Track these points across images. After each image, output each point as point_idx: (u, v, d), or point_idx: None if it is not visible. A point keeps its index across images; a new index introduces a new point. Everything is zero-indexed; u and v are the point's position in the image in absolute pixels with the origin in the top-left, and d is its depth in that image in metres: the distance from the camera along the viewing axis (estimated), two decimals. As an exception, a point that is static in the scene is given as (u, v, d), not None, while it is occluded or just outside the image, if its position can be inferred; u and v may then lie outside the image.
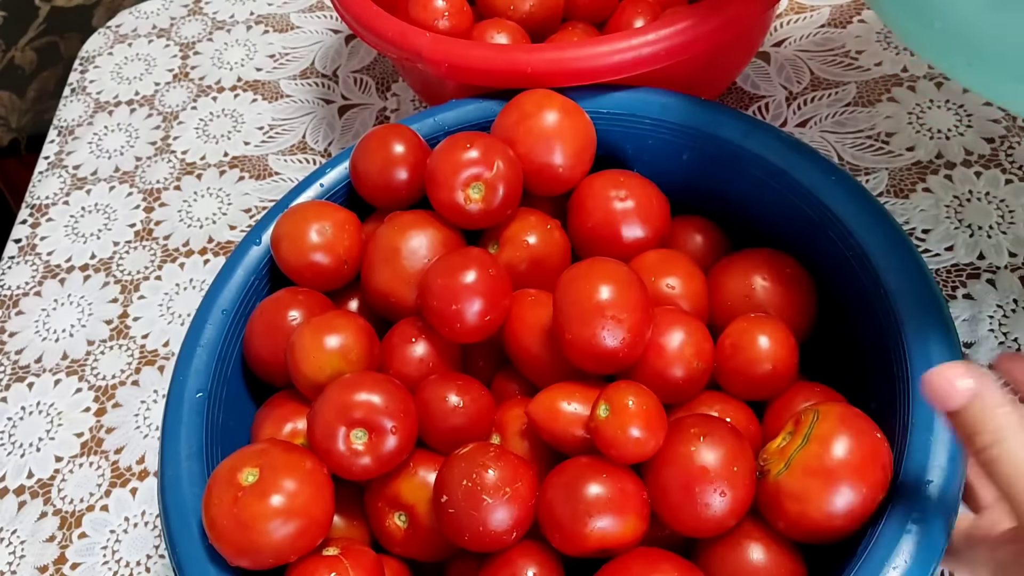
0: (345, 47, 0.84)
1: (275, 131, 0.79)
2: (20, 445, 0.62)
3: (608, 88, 0.55)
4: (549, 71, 0.53)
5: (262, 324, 0.47)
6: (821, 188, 0.48)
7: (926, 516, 0.36)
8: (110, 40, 0.90)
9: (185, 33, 0.89)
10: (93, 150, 0.80)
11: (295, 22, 0.88)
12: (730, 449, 0.39)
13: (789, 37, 0.76)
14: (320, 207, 0.51)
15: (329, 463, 0.41)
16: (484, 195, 0.48)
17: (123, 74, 0.87)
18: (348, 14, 0.60)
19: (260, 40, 0.87)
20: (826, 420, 0.39)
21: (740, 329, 0.45)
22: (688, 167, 0.54)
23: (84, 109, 0.84)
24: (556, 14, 0.68)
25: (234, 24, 0.89)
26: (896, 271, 0.44)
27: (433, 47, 0.55)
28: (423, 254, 0.48)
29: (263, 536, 0.38)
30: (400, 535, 0.43)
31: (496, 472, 0.39)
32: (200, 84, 0.84)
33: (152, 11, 0.92)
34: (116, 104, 0.84)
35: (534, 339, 0.45)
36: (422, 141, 0.53)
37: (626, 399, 0.40)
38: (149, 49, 0.88)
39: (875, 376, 0.44)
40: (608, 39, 0.53)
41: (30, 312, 0.70)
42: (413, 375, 0.45)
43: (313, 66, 0.83)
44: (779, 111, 0.71)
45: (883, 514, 0.37)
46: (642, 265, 0.49)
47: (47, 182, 0.79)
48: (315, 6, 0.89)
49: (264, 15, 0.89)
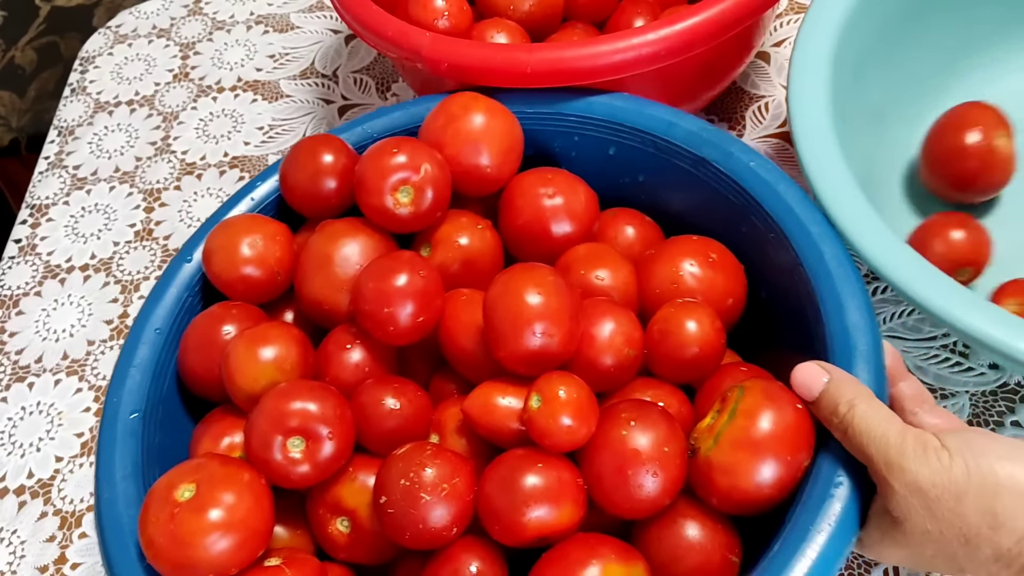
0: (345, 47, 0.85)
1: (275, 131, 0.79)
2: (20, 445, 0.62)
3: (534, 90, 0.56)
4: (549, 71, 0.53)
5: (196, 340, 0.47)
6: (741, 174, 0.49)
7: (849, 479, 0.37)
8: (110, 40, 0.91)
9: (185, 33, 0.90)
10: (93, 150, 0.81)
11: (295, 22, 0.88)
12: (660, 431, 0.40)
13: (789, 37, 0.77)
14: (250, 220, 0.51)
15: (267, 473, 0.41)
16: (413, 198, 0.48)
17: (123, 74, 0.87)
18: (348, 14, 0.60)
19: (260, 40, 0.87)
20: (750, 395, 0.40)
21: (667, 315, 0.46)
22: (615, 161, 0.55)
23: (84, 109, 0.84)
24: (556, 14, 0.68)
25: (234, 24, 0.89)
26: (814, 248, 0.45)
27: (433, 47, 0.56)
28: (355, 260, 0.48)
29: (201, 551, 0.38)
30: (343, 540, 0.43)
31: (433, 470, 0.40)
32: (200, 84, 0.84)
33: (152, 11, 0.93)
34: (116, 104, 0.84)
35: (469, 338, 0.46)
36: (351, 150, 0.53)
37: (557, 389, 0.40)
38: (149, 49, 0.89)
39: (798, 349, 0.45)
40: (608, 39, 0.54)
41: (30, 312, 0.70)
42: (350, 381, 0.46)
43: (313, 66, 0.84)
44: (779, 111, 0.72)
45: (809, 481, 0.38)
46: (572, 259, 0.49)
47: (47, 182, 0.79)
48: (315, 6, 0.89)
49: (264, 15, 0.90)
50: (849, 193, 0.47)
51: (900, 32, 0.60)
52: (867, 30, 0.56)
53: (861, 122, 0.56)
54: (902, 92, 0.62)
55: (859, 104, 0.56)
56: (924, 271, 0.44)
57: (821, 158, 0.49)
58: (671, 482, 0.40)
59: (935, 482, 0.34)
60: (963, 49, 0.64)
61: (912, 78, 0.63)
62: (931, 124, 0.61)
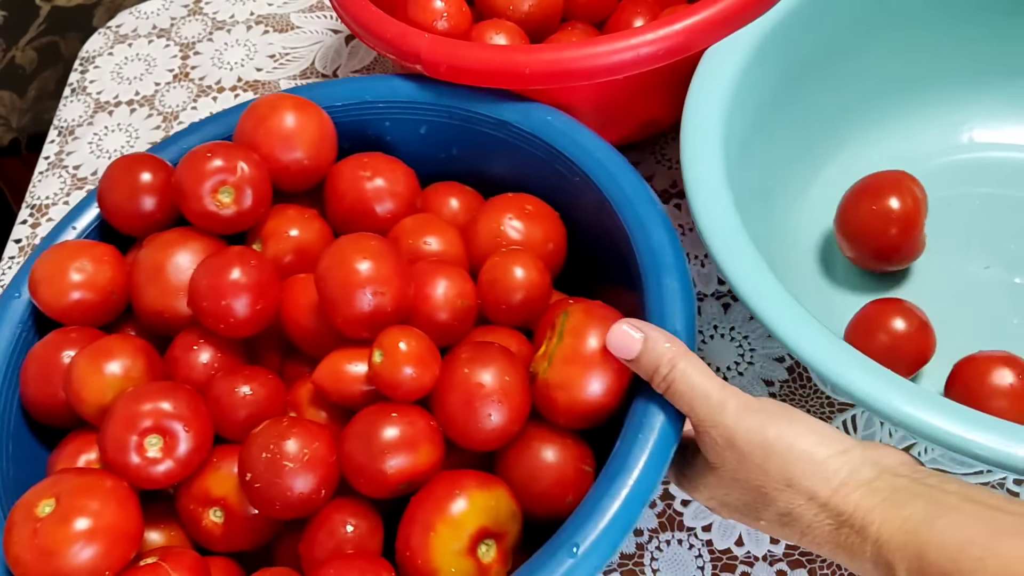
0: (345, 47, 0.84)
1: (276, 131, 0.78)
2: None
3: (337, 82, 0.58)
4: (548, 72, 0.53)
5: (36, 369, 0.47)
6: (540, 129, 0.54)
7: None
8: (110, 40, 0.88)
9: (185, 33, 0.87)
10: (93, 150, 0.78)
11: (295, 22, 0.87)
12: (499, 364, 0.43)
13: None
14: (75, 245, 0.51)
15: (128, 476, 0.42)
16: (235, 197, 0.50)
17: (123, 74, 0.85)
18: (347, 15, 0.60)
19: (260, 40, 0.86)
20: (574, 316, 0.44)
21: (494, 264, 0.49)
22: (427, 139, 0.58)
23: (84, 109, 0.82)
24: (555, 14, 0.68)
25: (234, 24, 0.88)
26: (613, 181, 0.50)
27: (432, 49, 0.55)
28: (187, 267, 0.49)
29: (68, 561, 0.38)
30: (219, 531, 0.44)
31: (292, 439, 0.42)
32: (200, 84, 0.83)
33: (152, 11, 0.90)
34: (116, 104, 0.82)
35: (309, 317, 0.48)
36: (168, 166, 0.54)
37: (397, 343, 0.43)
38: (149, 49, 0.87)
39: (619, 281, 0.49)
40: (607, 39, 0.54)
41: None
42: (201, 380, 0.47)
43: (313, 66, 0.83)
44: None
45: (638, 388, 0.42)
46: (400, 230, 0.52)
47: (47, 182, 0.77)
48: (315, 6, 0.88)
49: (264, 15, 0.88)
50: (779, 297, 0.45)
51: (777, 110, 0.59)
52: (747, 110, 0.55)
53: (756, 202, 0.55)
54: (783, 168, 0.62)
55: (748, 183, 0.54)
56: (865, 367, 0.42)
57: (738, 259, 0.46)
58: (516, 410, 0.43)
59: (749, 439, 0.38)
60: (837, 121, 0.64)
61: (790, 155, 0.62)
62: (813, 196, 0.62)
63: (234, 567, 0.45)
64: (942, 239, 0.60)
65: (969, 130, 0.66)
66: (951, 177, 0.64)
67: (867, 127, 0.65)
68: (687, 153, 0.51)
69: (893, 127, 0.66)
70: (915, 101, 0.65)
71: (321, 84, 0.58)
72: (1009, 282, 0.60)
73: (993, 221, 0.62)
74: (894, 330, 0.54)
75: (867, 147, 0.65)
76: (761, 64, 0.56)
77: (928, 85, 0.65)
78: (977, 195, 0.64)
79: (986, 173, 0.64)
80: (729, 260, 0.46)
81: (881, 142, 0.65)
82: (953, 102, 0.65)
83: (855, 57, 0.62)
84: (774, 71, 0.57)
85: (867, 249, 0.58)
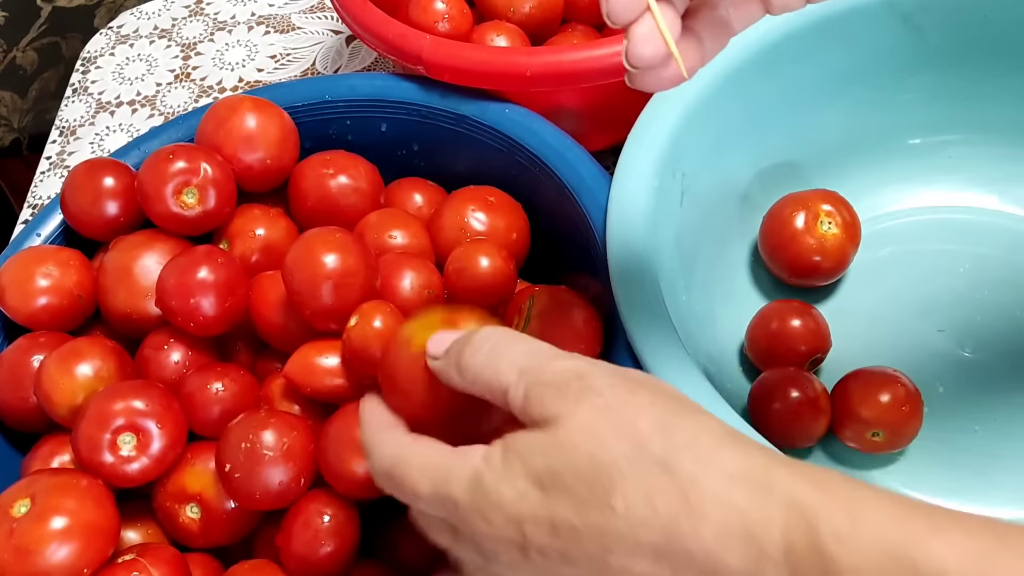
0: (346, 48, 0.84)
1: (277, 131, 0.78)
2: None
3: (297, 83, 0.59)
4: (548, 73, 0.53)
5: (5, 374, 0.47)
6: (499, 121, 0.55)
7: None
8: (112, 41, 0.87)
9: (186, 34, 0.87)
10: (95, 150, 0.78)
11: (296, 23, 0.87)
12: None
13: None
14: (40, 251, 0.51)
15: (103, 475, 0.42)
16: (199, 198, 0.50)
17: (124, 74, 0.84)
18: (348, 16, 0.60)
19: (261, 41, 0.85)
20: (539, 300, 0.45)
21: (460, 254, 0.50)
22: (388, 136, 0.59)
23: (86, 109, 0.81)
24: (556, 16, 0.68)
25: (235, 25, 0.87)
26: (570, 168, 0.51)
27: (434, 50, 0.55)
28: (155, 268, 0.49)
29: (46, 560, 0.38)
30: (196, 527, 0.45)
31: (270, 429, 0.42)
32: (201, 85, 0.82)
33: (153, 12, 0.90)
34: (118, 104, 0.81)
35: (278, 312, 0.48)
36: (130, 169, 0.54)
37: (373, 308, 0.44)
38: (150, 50, 0.86)
39: (582, 268, 0.50)
40: (608, 41, 0.53)
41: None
42: (173, 379, 0.47)
43: (314, 67, 0.83)
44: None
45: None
46: (365, 225, 0.53)
47: (49, 182, 0.76)
48: (316, 7, 0.88)
49: (265, 16, 0.88)
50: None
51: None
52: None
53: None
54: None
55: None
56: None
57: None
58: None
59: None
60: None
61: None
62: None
63: (213, 562, 0.45)
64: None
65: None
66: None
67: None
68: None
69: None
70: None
71: (281, 85, 0.59)
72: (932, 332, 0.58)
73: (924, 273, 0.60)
74: (791, 327, 0.54)
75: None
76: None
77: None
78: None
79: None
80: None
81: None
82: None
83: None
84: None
85: (778, 263, 0.59)
